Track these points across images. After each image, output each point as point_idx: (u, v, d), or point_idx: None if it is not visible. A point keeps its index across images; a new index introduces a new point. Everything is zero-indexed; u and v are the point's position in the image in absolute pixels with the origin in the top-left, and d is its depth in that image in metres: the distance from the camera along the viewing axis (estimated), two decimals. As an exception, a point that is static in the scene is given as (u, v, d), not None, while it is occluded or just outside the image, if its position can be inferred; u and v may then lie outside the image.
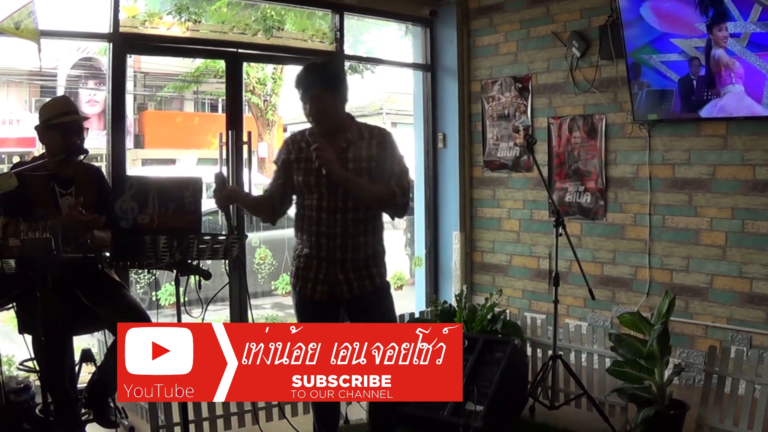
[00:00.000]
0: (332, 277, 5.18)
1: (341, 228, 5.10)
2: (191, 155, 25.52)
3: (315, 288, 5.22)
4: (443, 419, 6.32)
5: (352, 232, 5.13)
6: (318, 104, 5.09)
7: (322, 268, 5.19)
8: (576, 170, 8.51)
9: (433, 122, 10.10)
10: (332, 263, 5.16)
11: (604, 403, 6.62)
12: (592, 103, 8.37)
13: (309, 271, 5.24)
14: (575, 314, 8.51)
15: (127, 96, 8.35)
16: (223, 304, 8.63)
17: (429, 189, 10.14)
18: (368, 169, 5.12)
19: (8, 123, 23.44)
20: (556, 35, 8.61)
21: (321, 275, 5.20)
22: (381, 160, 5.14)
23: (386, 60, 11.32)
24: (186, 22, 8.71)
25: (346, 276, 5.18)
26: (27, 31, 6.90)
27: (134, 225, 4.76)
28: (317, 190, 5.13)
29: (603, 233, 8.34)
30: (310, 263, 5.23)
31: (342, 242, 5.13)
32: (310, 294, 5.25)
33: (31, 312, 5.00)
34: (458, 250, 9.79)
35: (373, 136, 5.21)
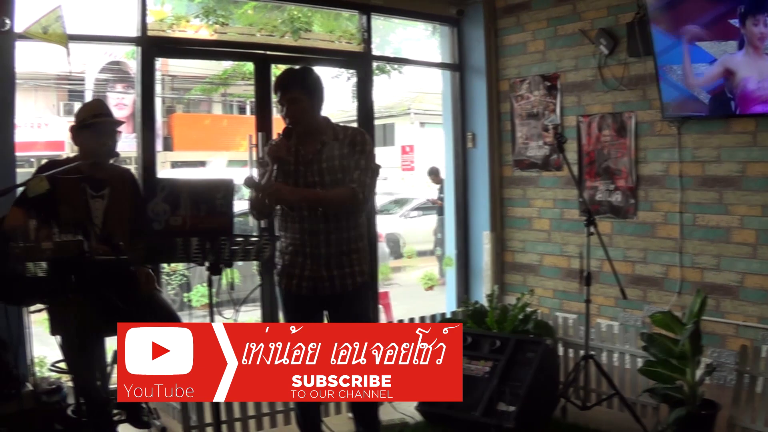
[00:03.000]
0: (316, 273, 5.34)
1: (324, 224, 5.29)
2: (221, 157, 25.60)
3: (300, 284, 5.39)
4: (475, 419, 6.32)
5: (335, 227, 5.31)
6: (294, 107, 5.29)
7: (307, 264, 5.35)
8: (606, 169, 8.46)
9: (462, 122, 10.07)
10: (316, 258, 5.33)
11: (635, 404, 6.61)
12: (621, 100, 8.30)
13: (294, 268, 5.40)
14: (606, 314, 8.46)
15: (156, 99, 8.38)
16: (254, 305, 8.65)
17: (459, 189, 10.11)
18: (340, 167, 5.30)
19: (37, 127, 23.55)
20: (583, 33, 8.57)
21: (306, 271, 5.36)
22: (348, 158, 5.31)
23: (414, 60, 11.31)
24: (213, 25, 8.73)
25: (330, 272, 5.35)
26: (55, 35, 6.92)
27: (167, 227, 4.79)
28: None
29: (634, 232, 8.27)
30: (295, 260, 5.40)
31: (325, 237, 5.31)
32: (295, 290, 5.42)
33: (63, 314, 5.03)
34: (489, 250, 9.76)
35: (347, 136, 5.39)
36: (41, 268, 4.69)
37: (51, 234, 4.65)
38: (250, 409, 6.58)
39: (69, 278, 4.82)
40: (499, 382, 6.43)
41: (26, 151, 21.28)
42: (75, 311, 4.86)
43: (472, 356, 6.83)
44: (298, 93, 5.29)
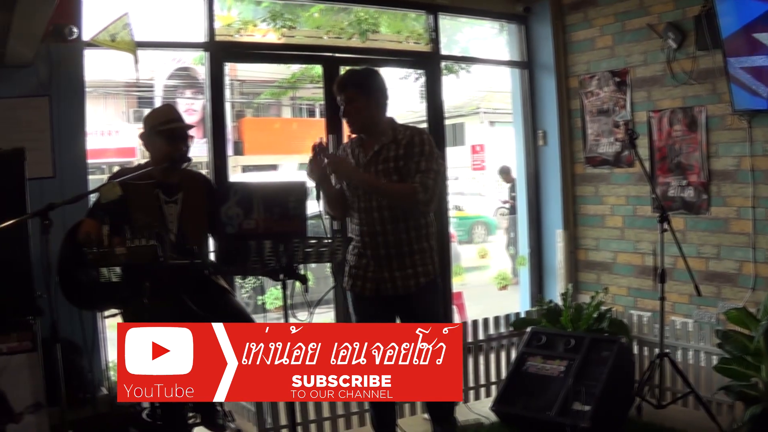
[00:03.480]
0: (378, 274, 5.45)
1: (380, 226, 5.38)
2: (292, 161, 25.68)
3: (364, 285, 5.52)
4: (550, 419, 6.31)
5: (390, 229, 5.38)
6: (350, 106, 5.39)
7: (370, 265, 5.47)
8: (678, 164, 8.37)
9: (532, 120, 10.03)
10: (378, 260, 5.43)
11: (710, 402, 6.55)
12: (691, 95, 8.20)
13: (359, 269, 5.54)
14: (680, 311, 8.36)
15: (226, 104, 8.45)
16: (328, 306, 8.67)
17: (531, 187, 10.08)
18: (396, 169, 5.34)
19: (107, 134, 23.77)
20: (651, 27, 8.48)
21: (369, 272, 5.49)
22: (407, 159, 5.33)
23: (482, 59, 11.28)
24: (281, 29, 8.78)
25: (391, 274, 5.44)
26: (123, 42, 7.02)
27: (240, 230, 4.80)
28: (354, 193, 5.46)
29: (707, 227, 8.17)
30: (359, 261, 5.54)
31: (383, 239, 5.40)
32: (359, 291, 5.54)
33: (138, 319, 5.07)
34: (562, 248, 9.72)
35: (404, 137, 5.41)
36: (115, 273, 4.74)
37: (124, 239, 4.69)
38: (324, 411, 6.61)
39: (143, 283, 4.88)
40: (574, 382, 6.40)
41: (97, 159, 21.43)
42: (149, 316, 4.90)
43: (546, 356, 6.83)
44: (353, 93, 5.37)
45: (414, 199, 5.24)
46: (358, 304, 5.63)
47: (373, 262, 5.43)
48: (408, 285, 5.44)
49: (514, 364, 7.00)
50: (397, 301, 5.49)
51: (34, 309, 5.62)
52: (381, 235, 5.37)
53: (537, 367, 6.81)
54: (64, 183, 6.80)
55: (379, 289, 5.46)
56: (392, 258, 5.40)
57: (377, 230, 5.37)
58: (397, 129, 5.45)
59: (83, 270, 4.87)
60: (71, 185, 6.66)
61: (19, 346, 5.59)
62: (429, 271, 5.52)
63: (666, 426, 6.54)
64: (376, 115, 5.45)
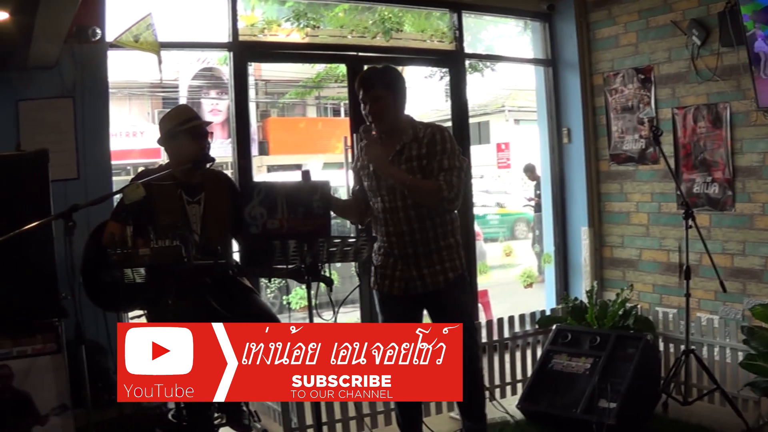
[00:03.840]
0: (407, 273, 5.44)
1: (406, 226, 5.36)
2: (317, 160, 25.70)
3: (392, 284, 5.50)
4: (576, 417, 6.31)
5: (417, 228, 5.38)
6: (376, 104, 5.35)
7: (398, 265, 5.46)
8: (702, 161, 8.35)
9: (557, 117, 10.05)
10: (405, 259, 5.42)
11: (737, 398, 6.53)
12: (715, 91, 8.19)
13: (386, 269, 5.52)
14: (706, 307, 8.36)
15: (250, 104, 8.47)
16: (353, 306, 8.71)
17: (556, 185, 10.10)
18: (419, 168, 5.32)
19: (132, 135, 23.79)
20: (675, 24, 8.47)
21: (397, 272, 5.47)
22: (430, 157, 5.33)
23: (506, 56, 11.31)
24: (305, 28, 8.81)
25: (420, 272, 5.44)
26: (146, 43, 7.05)
27: (264, 230, 4.78)
28: (378, 193, 5.44)
29: (732, 224, 8.16)
30: (386, 261, 5.52)
31: (410, 239, 5.39)
32: (387, 290, 5.52)
33: (162, 320, 5.08)
34: (587, 245, 9.72)
35: (425, 135, 5.40)
36: (139, 274, 4.75)
37: (149, 240, 4.71)
38: (350, 410, 6.61)
39: (168, 284, 4.90)
40: (599, 379, 6.40)
41: (122, 160, 21.48)
42: (174, 317, 4.92)
43: (572, 353, 6.82)
44: (380, 91, 5.35)
45: (439, 197, 5.24)
46: (385, 303, 5.63)
47: (400, 261, 5.43)
48: (437, 281, 5.45)
49: (540, 361, 7.01)
50: (426, 298, 5.50)
51: (59, 310, 5.63)
52: (408, 234, 5.37)
53: (562, 365, 6.81)
54: (88, 184, 6.84)
55: (408, 287, 5.46)
56: (420, 256, 5.41)
57: (404, 230, 5.37)
58: (417, 127, 5.45)
59: (107, 271, 4.88)
60: (95, 186, 6.70)
61: (43, 348, 5.60)
62: (456, 266, 5.54)
63: (692, 422, 6.53)
64: (400, 115, 5.47)
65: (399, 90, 5.46)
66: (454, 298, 5.54)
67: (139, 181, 4.89)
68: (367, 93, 5.38)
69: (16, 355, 5.52)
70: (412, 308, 5.57)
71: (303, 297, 9.73)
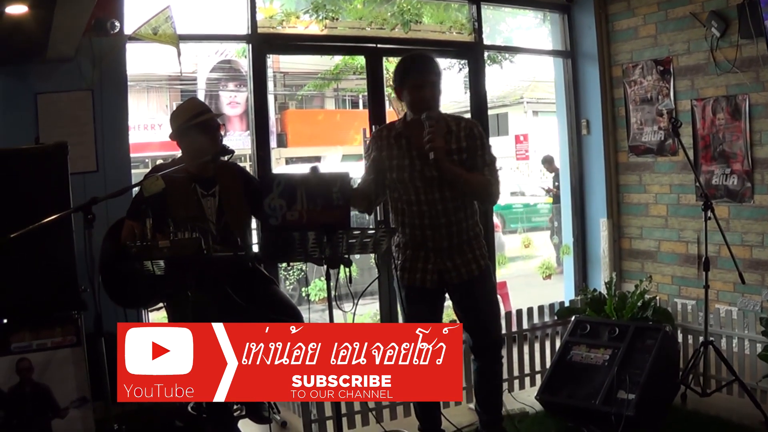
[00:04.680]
0: (441, 266, 5.44)
1: (444, 218, 5.36)
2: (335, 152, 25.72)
3: (425, 277, 5.47)
4: (595, 408, 6.30)
5: (455, 219, 5.38)
6: (433, 91, 5.34)
7: (431, 257, 5.44)
8: (721, 152, 8.35)
9: (576, 109, 10.04)
10: (439, 252, 5.42)
11: (755, 389, 6.53)
12: (734, 83, 8.18)
13: (417, 262, 5.49)
14: (725, 299, 8.36)
15: (269, 96, 8.48)
16: (372, 298, 8.71)
17: (575, 176, 10.10)
18: (459, 162, 5.31)
19: (150, 128, 23.83)
20: (694, 16, 8.46)
21: (430, 264, 5.46)
22: (471, 152, 5.34)
23: (525, 48, 11.32)
24: (323, 20, 8.83)
25: (454, 263, 5.45)
26: (165, 36, 7.07)
27: (283, 222, 4.77)
28: (412, 185, 5.37)
29: (751, 216, 8.15)
30: (417, 254, 5.48)
31: (447, 231, 5.38)
32: (420, 283, 5.48)
33: (182, 311, 5.09)
34: (606, 237, 9.72)
35: (461, 129, 5.39)
36: (159, 266, 4.77)
37: (168, 233, 4.72)
38: (370, 402, 6.63)
39: (187, 276, 4.92)
40: (618, 370, 6.40)
41: (141, 152, 21.58)
42: (194, 309, 4.94)
43: (591, 344, 6.82)
44: (435, 76, 5.36)
45: (489, 192, 5.32)
46: (417, 297, 5.55)
47: (433, 253, 5.43)
48: (471, 270, 5.48)
49: (559, 353, 7.01)
50: (459, 288, 5.52)
51: (78, 303, 5.66)
52: (445, 226, 5.37)
53: (581, 356, 6.81)
54: (107, 177, 6.88)
55: (442, 279, 5.47)
56: (454, 247, 5.43)
57: (441, 222, 5.36)
58: (448, 119, 5.43)
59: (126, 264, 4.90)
60: (114, 179, 6.74)
61: (63, 341, 5.63)
62: (485, 254, 5.59)
63: (711, 414, 6.52)
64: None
65: (441, 81, 5.46)
66: (486, 288, 5.63)
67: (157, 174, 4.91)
68: (427, 78, 5.34)
69: (35, 348, 5.56)
70: (442, 301, 5.62)
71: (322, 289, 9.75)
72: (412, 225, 5.46)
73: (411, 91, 5.37)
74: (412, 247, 5.50)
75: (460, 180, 5.25)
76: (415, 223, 5.44)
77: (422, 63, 5.41)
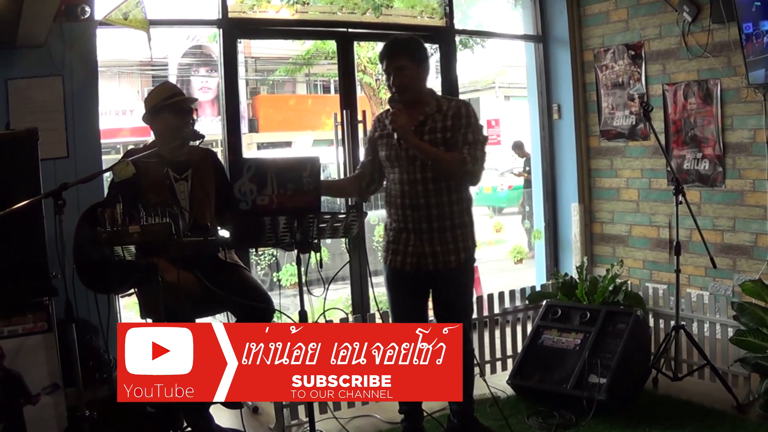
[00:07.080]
0: (419, 249, 5.41)
1: (424, 199, 5.33)
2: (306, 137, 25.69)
3: (404, 260, 5.47)
4: (566, 392, 6.34)
5: (435, 202, 5.35)
6: (401, 74, 5.32)
7: (411, 240, 5.43)
8: (693, 137, 8.36)
9: (547, 94, 10.02)
10: (419, 234, 5.40)
11: (727, 374, 6.57)
12: (706, 68, 8.18)
13: (398, 244, 5.50)
14: (696, 284, 8.39)
15: (240, 81, 8.43)
16: (344, 282, 8.70)
17: (546, 161, 10.09)
18: (443, 140, 5.31)
19: (122, 113, 23.75)
20: (666, 0, 8.46)
21: (410, 247, 5.45)
22: (454, 130, 5.31)
23: (497, 33, 11.30)
24: (294, 5, 8.81)
25: (433, 249, 5.40)
26: (136, 21, 7.01)
27: (254, 207, 4.75)
28: (397, 163, 5.40)
29: (722, 200, 8.16)
30: (398, 236, 5.50)
31: (426, 213, 5.36)
32: (399, 266, 5.49)
33: (153, 297, 5.08)
34: (577, 221, 9.72)
35: (450, 108, 5.38)
36: (129, 252, 4.74)
37: (138, 218, 4.69)
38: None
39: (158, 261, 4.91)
40: (589, 355, 6.43)
41: (112, 138, 21.57)
42: (164, 294, 4.92)
43: (562, 329, 6.86)
44: (405, 61, 5.32)
45: (463, 169, 5.25)
46: (396, 279, 5.59)
47: (413, 236, 5.42)
48: (448, 260, 5.43)
49: (530, 337, 7.03)
50: (436, 277, 5.48)
51: (49, 289, 5.60)
52: (424, 208, 5.35)
53: (553, 341, 6.84)
54: (77, 163, 6.80)
55: (419, 263, 5.44)
56: (434, 232, 5.39)
57: (420, 203, 5.34)
58: (440, 100, 5.44)
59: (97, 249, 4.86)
60: (85, 165, 6.67)
61: (34, 327, 5.56)
62: (469, 247, 5.54)
63: (682, 398, 6.55)
64: (423, 86, 5.46)
65: (422, 61, 5.43)
66: (461, 283, 5.60)
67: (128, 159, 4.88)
68: (391, 63, 5.35)
69: (6, 335, 5.49)
70: (423, 286, 5.57)
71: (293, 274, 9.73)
72: (395, 204, 5.48)
73: (385, 75, 5.44)
74: (395, 228, 5.52)
75: (431, 156, 5.24)
76: (397, 203, 5.46)
77: (390, 48, 5.43)
